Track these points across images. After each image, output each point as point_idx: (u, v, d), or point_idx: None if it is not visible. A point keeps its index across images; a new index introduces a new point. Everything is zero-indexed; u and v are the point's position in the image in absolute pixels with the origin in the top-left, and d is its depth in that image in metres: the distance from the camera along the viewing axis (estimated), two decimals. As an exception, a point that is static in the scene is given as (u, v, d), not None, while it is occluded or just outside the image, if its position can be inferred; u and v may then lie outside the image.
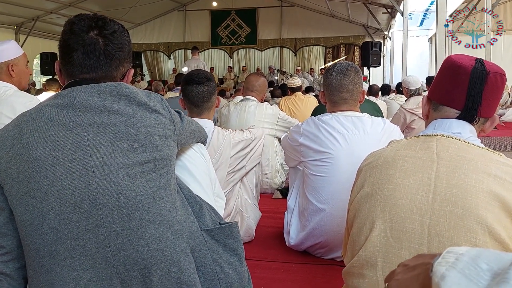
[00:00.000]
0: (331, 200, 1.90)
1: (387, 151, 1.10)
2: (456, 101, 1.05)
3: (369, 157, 1.15)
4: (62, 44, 1.01)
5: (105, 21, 1.01)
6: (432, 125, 1.09)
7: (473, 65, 1.03)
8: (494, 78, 1.03)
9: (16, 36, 11.55)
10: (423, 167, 1.00)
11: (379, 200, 1.02)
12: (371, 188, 1.06)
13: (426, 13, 13.61)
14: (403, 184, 1.00)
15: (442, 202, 0.95)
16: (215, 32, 14.70)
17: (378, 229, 1.00)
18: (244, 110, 3.15)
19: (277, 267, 1.99)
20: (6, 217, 0.95)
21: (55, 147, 0.93)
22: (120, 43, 1.02)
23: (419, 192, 0.98)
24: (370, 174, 1.08)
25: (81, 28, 0.99)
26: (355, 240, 1.07)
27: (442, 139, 1.03)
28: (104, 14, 1.06)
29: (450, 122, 1.06)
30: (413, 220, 0.97)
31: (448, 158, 0.99)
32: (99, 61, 1.00)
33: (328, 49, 14.51)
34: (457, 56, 1.09)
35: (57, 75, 1.08)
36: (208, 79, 1.93)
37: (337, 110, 1.98)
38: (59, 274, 0.90)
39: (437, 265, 0.48)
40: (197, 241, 1.03)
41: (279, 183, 3.32)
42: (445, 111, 1.07)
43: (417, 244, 0.95)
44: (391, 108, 5.61)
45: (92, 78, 1.00)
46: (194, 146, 1.26)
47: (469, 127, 1.05)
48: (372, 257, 1.00)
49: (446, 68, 1.09)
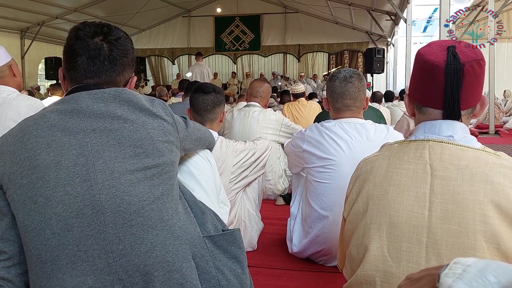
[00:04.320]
0: (334, 207, 1.89)
1: (379, 161, 1.06)
2: (436, 102, 1.01)
3: (362, 165, 1.11)
4: (67, 49, 1.01)
5: (110, 28, 1.03)
6: (422, 128, 1.04)
7: (445, 60, 0.97)
8: (470, 68, 0.96)
9: (22, 40, 11.64)
10: (417, 180, 0.97)
11: (375, 218, 0.99)
12: (365, 204, 1.03)
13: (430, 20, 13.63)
14: (398, 200, 0.97)
15: (438, 219, 0.92)
16: (219, 38, 14.75)
17: (375, 248, 0.98)
18: (248, 115, 3.15)
19: (280, 274, 1.98)
20: (8, 222, 0.95)
21: (58, 152, 0.93)
22: (124, 49, 1.04)
23: (415, 209, 0.95)
24: (364, 187, 1.05)
25: (86, 33, 1.00)
26: (353, 257, 1.05)
27: (435, 145, 0.99)
28: (109, 20, 1.08)
29: (439, 124, 1.01)
30: (410, 238, 0.94)
31: (442, 168, 0.95)
32: (103, 66, 1.00)
33: (332, 55, 14.52)
34: (427, 50, 1.02)
35: (60, 81, 1.08)
36: (215, 91, 1.97)
37: (341, 116, 1.98)
38: (61, 280, 0.90)
39: (444, 276, 0.47)
40: (199, 247, 1.02)
41: (282, 189, 3.31)
42: (430, 113, 1.03)
43: (415, 264, 0.93)
44: (395, 114, 5.60)
45: (96, 83, 1.01)
46: (200, 152, 1.26)
47: (459, 125, 1.00)
48: (370, 276, 0.98)
49: (419, 66, 1.03)
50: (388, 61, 12.54)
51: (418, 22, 13.54)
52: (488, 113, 7.77)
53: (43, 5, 10.23)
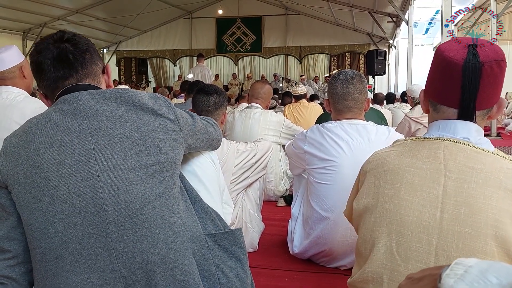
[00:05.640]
0: (335, 208, 1.89)
1: (391, 157, 1.04)
2: (451, 100, 0.99)
3: (373, 159, 1.09)
4: (35, 65, 1.03)
5: (63, 32, 1.05)
6: (436, 126, 1.02)
7: (464, 58, 0.95)
8: (489, 68, 0.94)
9: (24, 41, 11.67)
10: (430, 180, 0.95)
11: (385, 215, 0.98)
12: (376, 200, 1.01)
13: (431, 22, 13.63)
14: (410, 200, 0.96)
15: (450, 221, 0.91)
16: (220, 40, 14.76)
17: (384, 245, 0.97)
18: (249, 117, 3.15)
19: (281, 275, 1.98)
20: (14, 222, 0.96)
21: (61, 151, 0.94)
22: (84, 40, 1.06)
23: (426, 209, 0.94)
24: (375, 183, 1.03)
25: (45, 46, 1.02)
26: (360, 252, 1.05)
27: (450, 145, 0.97)
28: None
29: (454, 124, 0.99)
30: (420, 239, 0.93)
31: (456, 170, 0.94)
32: (76, 61, 1.02)
33: (333, 57, 14.53)
34: (448, 46, 1.00)
35: (44, 103, 1.10)
36: (217, 92, 1.97)
37: (342, 118, 1.98)
38: (65, 278, 0.91)
39: (445, 276, 0.47)
40: (199, 245, 1.03)
41: (283, 190, 3.31)
42: (444, 111, 1.01)
43: (423, 264, 0.92)
44: (396, 116, 5.59)
45: (79, 78, 1.03)
46: (204, 153, 1.26)
47: (474, 127, 0.98)
48: (378, 273, 0.97)
49: (437, 63, 1.01)
50: (390, 63, 12.54)
51: (420, 24, 13.53)
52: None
53: (45, 6, 10.26)
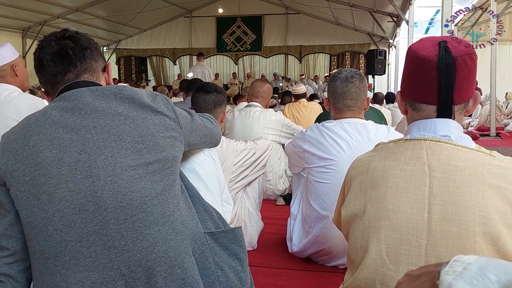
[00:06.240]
0: (334, 207, 1.89)
1: (375, 162, 1.04)
2: (429, 97, 1.00)
3: (356, 165, 1.09)
4: (36, 61, 1.04)
5: (65, 30, 1.06)
6: (416, 127, 1.03)
7: (437, 54, 0.96)
8: (463, 62, 0.96)
9: (23, 40, 11.65)
10: (415, 182, 0.95)
11: (373, 221, 0.98)
12: (363, 206, 1.01)
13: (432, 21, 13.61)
14: (397, 203, 0.96)
15: (438, 221, 0.91)
16: (220, 39, 14.75)
17: (374, 251, 0.96)
18: (249, 116, 3.15)
19: (280, 273, 1.99)
20: (12, 219, 0.96)
21: (61, 149, 0.93)
22: (86, 38, 1.07)
23: (414, 211, 0.93)
24: (361, 189, 1.03)
25: (47, 42, 1.03)
26: (352, 259, 1.04)
27: (432, 144, 0.97)
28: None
29: (434, 123, 1.00)
30: (409, 241, 0.92)
31: (440, 169, 0.94)
32: (75, 56, 1.03)
33: (333, 56, 14.52)
34: (419, 45, 1.01)
35: (45, 99, 1.11)
36: (217, 91, 1.97)
37: (342, 117, 1.98)
38: (64, 276, 0.90)
39: (444, 273, 0.47)
40: (199, 243, 1.03)
41: (283, 189, 3.31)
42: (423, 110, 1.02)
43: (414, 266, 0.91)
44: (396, 116, 5.60)
45: (77, 73, 1.03)
46: (205, 151, 1.26)
47: (453, 124, 0.99)
48: (370, 279, 0.96)
49: (411, 62, 1.02)
50: (390, 62, 12.54)
51: (420, 23, 13.51)
52: (489, 116, 7.77)
53: (45, 4, 10.24)
